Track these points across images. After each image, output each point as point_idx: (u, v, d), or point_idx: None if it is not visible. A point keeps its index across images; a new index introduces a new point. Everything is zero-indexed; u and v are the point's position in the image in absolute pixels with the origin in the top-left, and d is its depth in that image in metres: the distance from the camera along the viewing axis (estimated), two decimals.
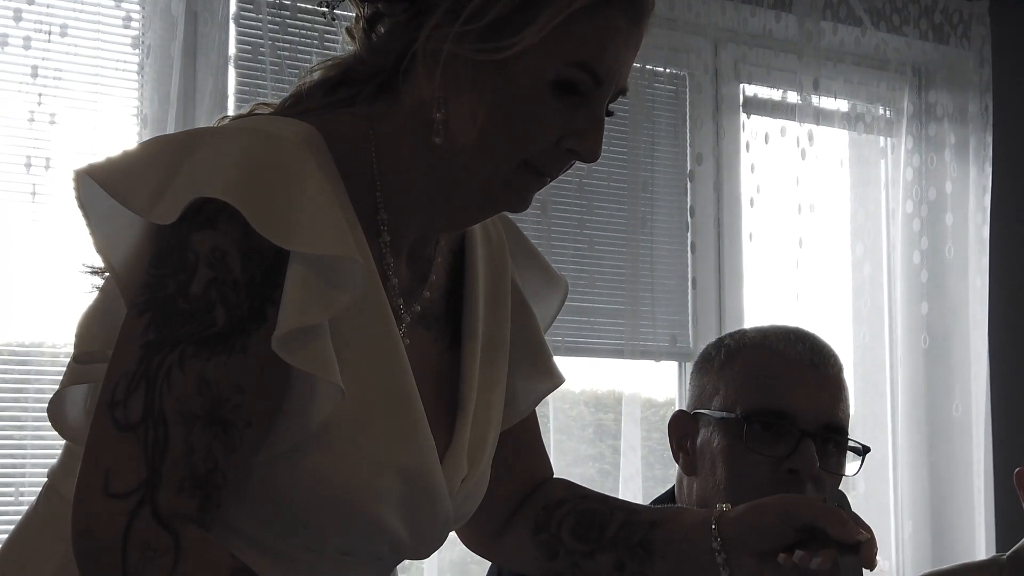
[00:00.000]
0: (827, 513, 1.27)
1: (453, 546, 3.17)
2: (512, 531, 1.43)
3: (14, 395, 2.70)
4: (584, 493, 1.44)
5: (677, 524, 1.35)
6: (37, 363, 2.69)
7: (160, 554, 1.06)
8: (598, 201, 3.28)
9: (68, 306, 1.23)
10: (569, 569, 1.41)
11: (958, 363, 3.65)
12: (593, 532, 1.38)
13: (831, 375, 1.69)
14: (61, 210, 2.59)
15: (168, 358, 1.08)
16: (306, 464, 1.15)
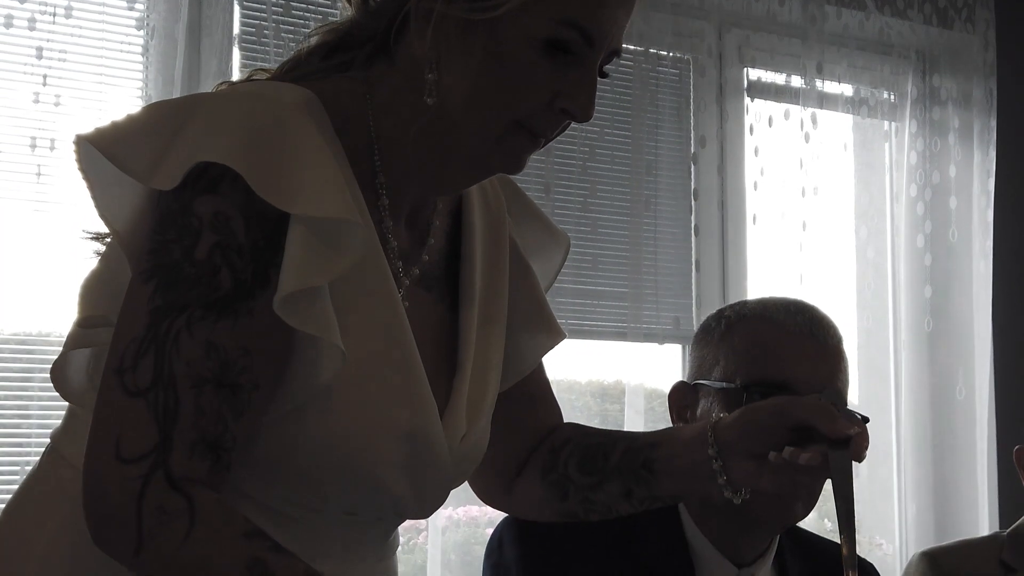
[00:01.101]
0: (819, 410, 1.28)
1: (457, 527, 3.20)
2: (523, 479, 1.44)
3: (20, 383, 2.71)
4: (589, 431, 1.45)
5: (677, 440, 1.35)
6: (42, 352, 2.70)
7: (175, 517, 1.07)
8: (601, 184, 3.29)
9: (74, 294, 1.24)
10: (581, 506, 1.41)
11: (962, 346, 3.65)
12: (598, 463, 1.39)
13: (830, 346, 1.69)
14: (66, 191, 2.60)
15: (176, 323, 1.09)
16: (308, 425, 1.16)
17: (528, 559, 1.60)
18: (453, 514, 3.19)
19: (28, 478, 1.27)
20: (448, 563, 3.12)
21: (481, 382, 1.32)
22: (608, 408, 3.41)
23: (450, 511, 3.17)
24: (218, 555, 1.07)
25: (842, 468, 1.27)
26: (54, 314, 2.62)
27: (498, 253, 1.38)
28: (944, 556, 2.32)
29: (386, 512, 1.26)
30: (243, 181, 1.10)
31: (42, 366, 2.68)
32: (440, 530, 3.11)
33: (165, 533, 1.07)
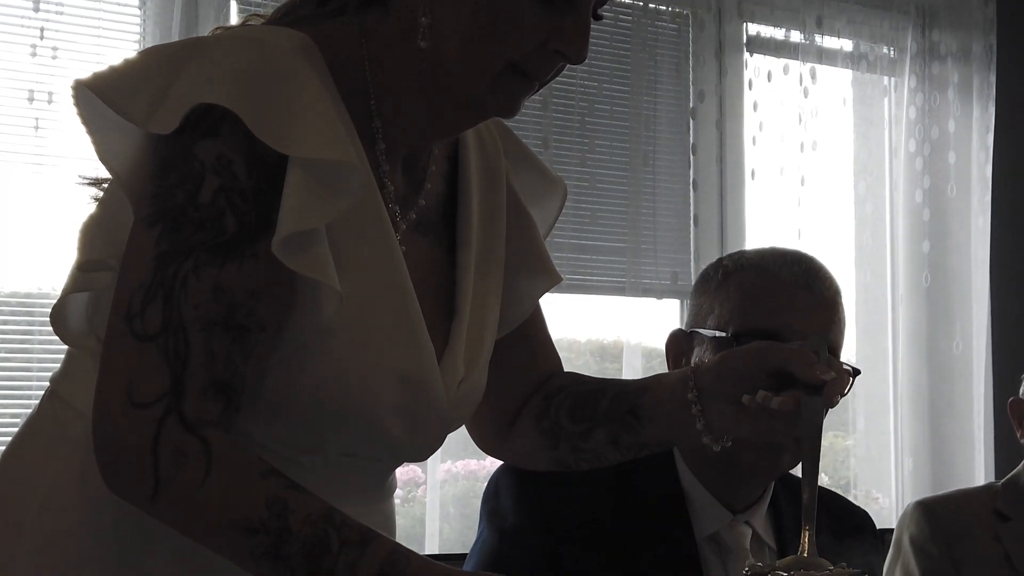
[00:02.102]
0: (795, 355, 1.28)
1: (456, 481, 3.22)
2: (518, 426, 1.45)
3: (20, 344, 2.72)
4: (584, 379, 1.45)
5: (662, 384, 1.36)
6: (42, 310, 2.71)
7: (192, 460, 1.08)
8: (600, 139, 3.29)
9: (74, 248, 1.24)
10: (571, 454, 1.42)
11: (959, 301, 3.66)
12: (588, 410, 1.39)
13: (825, 297, 1.69)
14: (65, 144, 2.60)
15: (183, 267, 1.10)
16: (306, 367, 1.17)
17: (524, 505, 1.61)
18: (452, 467, 3.21)
19: (28, 422, 1.28)
20: (447, 515, 3.15)
21: (479, 327, 1.33)
22: (607, 367, 3.43)
23: (449, 464, 3.19)
24: (237, 495, 1.09)
25: (812, 414, 1.24)
26: (54, 272, 2.63)
27: (495, 198, 1.38)
28: (939, 505, 2.33)
29: (383, 454, 1.27)
30: (243, 125, 1.10)
31: (42, 324, 2.69)
32: (439, 483, 3.13)
33: (183, 476, 1.08)
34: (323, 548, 1.08)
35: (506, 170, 1.40)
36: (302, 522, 1.08)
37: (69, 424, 1.21)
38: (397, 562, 1.09)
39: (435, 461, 3.10)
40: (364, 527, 1.11)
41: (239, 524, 1.08)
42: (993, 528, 2.26)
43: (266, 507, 1.08)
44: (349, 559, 1.08)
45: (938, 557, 2.26)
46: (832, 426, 3.79)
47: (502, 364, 1.37)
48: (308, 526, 1.08)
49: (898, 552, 2.33)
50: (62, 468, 1.21)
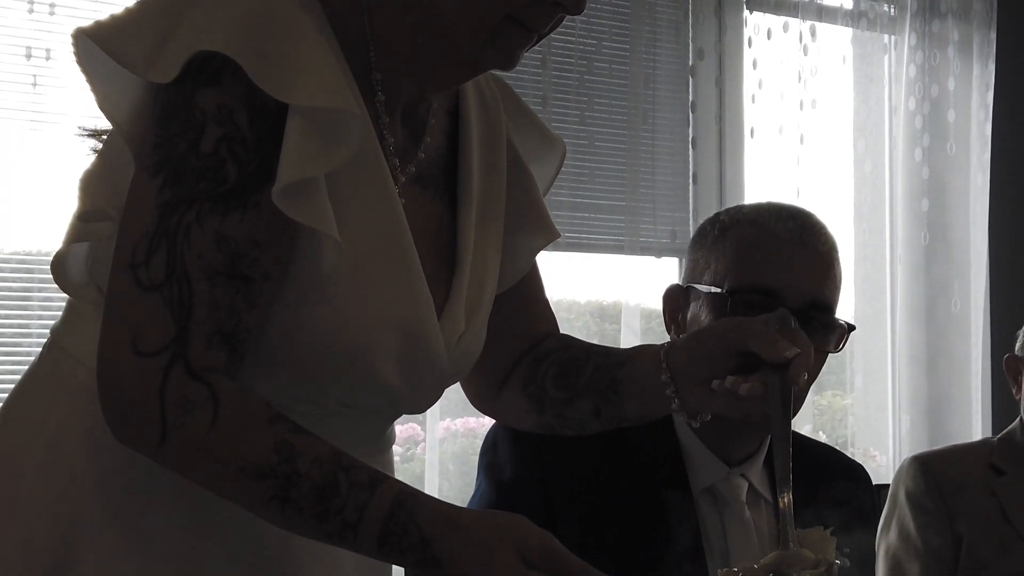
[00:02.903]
0: (759, 334, 1.27)
1: (455, 438, 3.23)
2: (508, 386, 1.46)
3: (19, 303, 2.73)
4: (571, 344, 1.45)
5: (641, 360, 1.36)
6: (41, 271, 2.71)
7: (198, 407, 1.09)
8: (598, 97, 3.28)
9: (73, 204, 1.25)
10: (556, 420, 1.43)
11: (958, 260, 3.67)
12: (571, 379, 1.40)
13: (821, 253, 1.69)
14: (63, 101, 2.60)
15: (186, 216, 1.11)
16: (306, 317, 1.18)
17: (522, 458, 1.62)
18: (451, 425, 3.22)
19: (28, 373, 1.29)
20: (446, 473, 3.16)
21: (479, 282, 1.34)
22: (607, 328, 3.44)
23: (448, 422, 3.20)
24: (245, 441, 1.10)
25: (779, 392, 1.24)
26: (53, 231, 2.63)
27: (495, 154, 1.38)
28: (935, 460, 2.35)
29: (382, 405, 1.28)
30: (244, 74, 1.10)
31: (41, 284, 2.70)
32: (438, 441, 3.14)
33: (190, 423, 1.09)
34: (332, 490, 1.09)
35: (506, 127, 1.41)
36: (311, 465, 1.09)
37: (71, 374, 1.22)
38: (406, 502, 1.10)
39: (434, 419, 3.11)
40: (373, 469, 1.12)
41: (248, 469, 1.09)
42: (988, 482, 2.28)
43: (274, 451, 1.09)
44: (358, 501, 1.09)
45: (934, 511, 2.28)
46: (830, 385, 3.80)
47: (496, 322, 1.38)
48: (317, 469, 1.09)
49: (894, 506, 2.34)
50: (64, 417, 1.22)
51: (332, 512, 1.09)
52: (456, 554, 1.08)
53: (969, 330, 3.64)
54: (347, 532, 1.10)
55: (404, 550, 1.10)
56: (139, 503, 1.19)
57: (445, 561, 1.09)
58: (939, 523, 2.27)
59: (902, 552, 2.29)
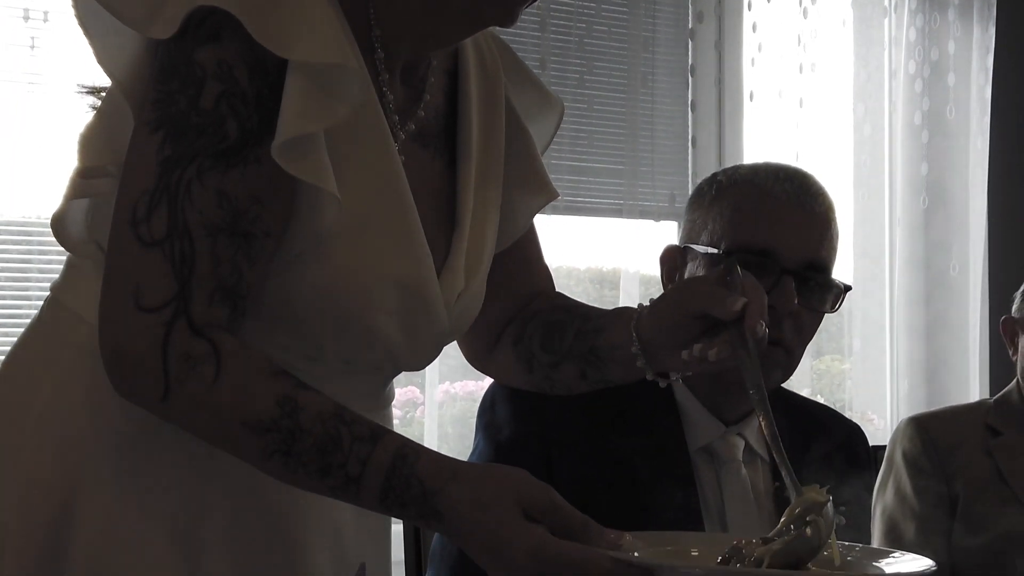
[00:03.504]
0: (705, 295, 1.27)
1: (454, 402, 3.24)
2: (500, 345, 1.47)
3: (19, 272, 2.73)
4: (558, 303, 1.46)
5: (616, 329, 1.35)
6: (40, 239, 2.71)
7: (201, 362, 1.10)
8: (598, 60, 3.27)
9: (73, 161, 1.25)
10: (545, 381, 1.44)
11: (956, 223, 3.67)
12: (555, 342, 1.41)
13: (818, 214, 1.69)
14: (61, 63, 2.59)
15: (186, 173, 1.11)
16: (306, 273, 1.19)
17: (520, 417, 1.63)
18: (450, 388, 3.23)
19: (28, 329, 1.30)
20: (445, 436, 3.18)
21: (479, 240, 1.34)
22: (606, 294, 3.44)
23: (447, 386, 3.21)
24: (247, 395, 1.11)
25: (744, 346, 1.23)
26: (51, 197, 2.62)
27: (494, 113, 1.39)
28: (931, 421, 2.36)
29: (382, 362, 1.29)
30: (243, 30, 1.11)
31: (40, 251, 2.70)
32: (437, 404, 3.15)
33: (193, 378, 1.10)
34: (334, 444, 1.10)
35: (504, 87, 1.41)
36: (313, 420, 1.10)
37: (71, 330, 1.23)
38: (407, 456, 1.11)
39: (434, 382, 3.12)
40: (374, 423, 1.13)
41: (250, 424, 1.10)
42: (984, 443, 2.29)
43: (277, 406, 1.10)
44: (360, 455, 1.10)
45: (930, 471, 2.29)
46: (829, 350, 3.81)
47: (492, 281, 1.39)
48: (319, 423, 1.10)
49: (890, 467, 2.35)
50: (65, 373, 1.22)
51: (334, 466, 1.11)
52: (457, 507, 1.09)
53: (967, 294, 3.65)
54: (349, 486, 1.11)
55: (406, 503, 1.11)
56: (140, 456, 1.20)
57: (446, 514, 1.10)
58: (935, 483, 2.28)
59: (898, 512, 2.31)
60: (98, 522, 1.19)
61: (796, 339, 1.68)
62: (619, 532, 1.12)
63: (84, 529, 1.19)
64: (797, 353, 1.69)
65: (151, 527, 1.20)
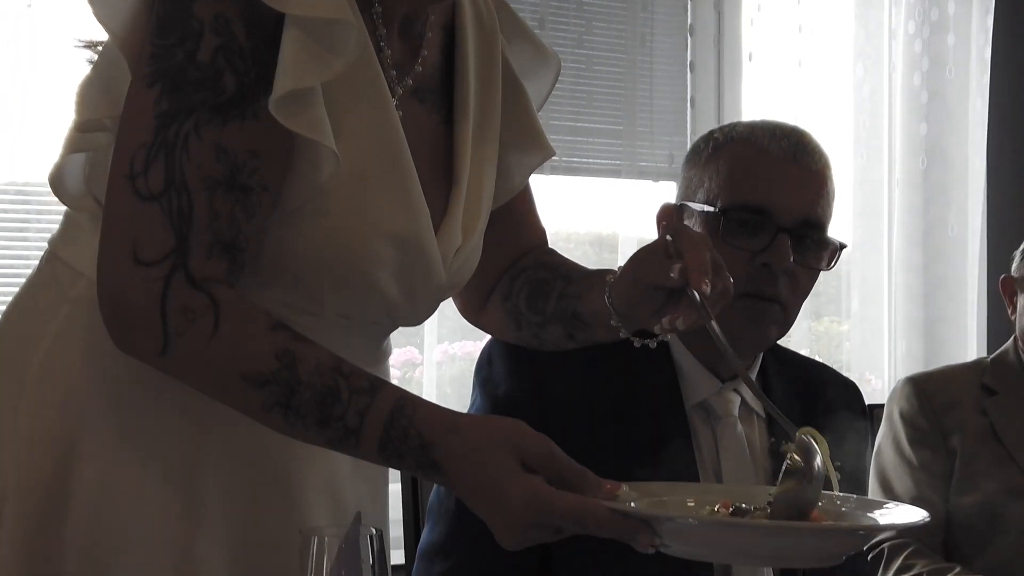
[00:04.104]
0: (649, 266, 1.26)
1: (453, 362, 3.25)
2: (491, 301, 1.48)
3: (18, 234, 2.73)
4: (543, 261, 1.46)
5: (593, 297, 1.35)
6: (39, 202, 2.71)
7: (200, 316, 1.11)
8: (597, 19, 3.26)
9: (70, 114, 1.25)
10: (534, 339, 1.46)
11: (955, 184, 3.66)
12: (540, 303, 1.42)
13: (814, 171, 1.69)
14: (60, 24, 2.58)
15: (184, 126, 1.12)
16: (304, 228, 1.19)
17: (516, 373, 1.64)
18: (449, 349, 3.24)
19: (27, 284, 1.30)
20: (444, 396, 3.19)
21: (476, 196, 1.35)
22: (605, 257, 3.45)
23: (446, 346, 3.22)
24: (246, 348, 1.12)
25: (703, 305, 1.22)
26: (50, 160, 2.62)
27: (491, 70, 1.39)
28: (928, 381, 2.37)
29: (379, 316, 1.30)
30: None
31: (39, 213, 2.70)
32: (436, 364, 3.17)
33: (192, 332, 1.11)
34: (333, 397, 1.11)
35: (502, 43, 1.41)
36: (312, 372, 1.11)
37: (70, 284, 1.24)
38: (406, 408, 1.12)
39: (432, 343, 3.14)
40: (373, 376, 1.14)
41: (250, 376, 1.11)
42: (980, 402, 2.30)
43: (275, 359, 1.11)
44: (359, 407, 1.11)
45: (927, 429, 2.30)
46: (828, 311, 3.82)
47: (485, 237, 1.39)
48: (318, 376, 1.11)
49: (888, 427, 2.37)
50: (63, 326, 1.23)
51: (333, 418, 1.11)
52: (455, 458, 1.10)
53: (965, 254, 3.65)
54: (348, 437, 1.12)
55: (404, 455, 1.12)
56: (140, 408, 1.21)
57: (444, 465, 1.11)
58: (933, 440, 2.30)
59: (897, 470, 2.32)
60: (98, 474, 1.20)
61: (792, 296, 1.68)
62: (616, 483, 1.13)
63: (84, 481, 1.20)
64: (793, 310, 1.70)
65: (151, 479, 1.21)
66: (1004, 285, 2.43)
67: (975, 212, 3.65)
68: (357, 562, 0.97)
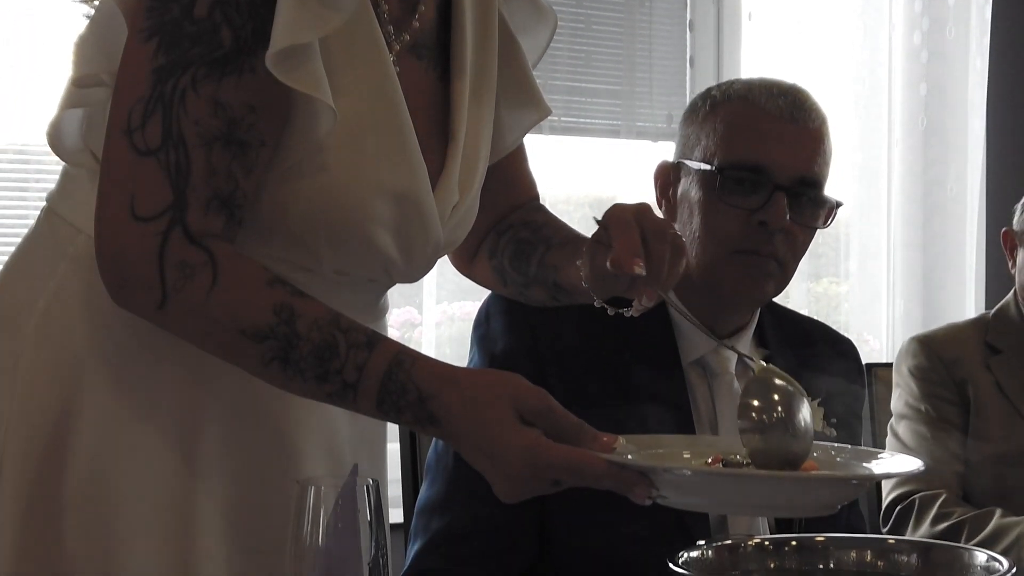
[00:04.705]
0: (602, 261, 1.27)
1: (451, 322, 3.26)
2: (479, 255, 1.49)
3: (18, 195, 2.73)
4: (528, 220, 1.47)
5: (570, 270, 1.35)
6: (38, 163, 2.71)
7: (198, 271, 1.11)
8: None
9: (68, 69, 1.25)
10: (519, 296, 1.48)
11: (954, 144, 3.66)
12: (523, 266, 1.43)
13: (811, 129, 1.69)
14: None
15: (181, 81, 1.12)
16: (301, 184, 1.19)
17: (514, 330, 1.64)
18: (448, 309, 3.25)
19: (25, 240, 1.31)
20: (443, 357, 3.18)
21: (473, 153, 1.35)
22: None
23: (445, 306, 3.23)
24: (244, 303, 1.12)
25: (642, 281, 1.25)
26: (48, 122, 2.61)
27: (488, 26, 1.38)
28: (934, 340, 2.37)
29: (377, 272, 1.30)
30: None
31: (38, 175, 2.69)
32: (435, 324, 3.17)
33: (190, 287, 1.11)
34: (331, 351, 1.12)
35: (498, 0, 1.40)
36: (309, 326, 1.12)
37: (68, 241, 1.24)
38: (404, 361, 1.13)
39: (431, 303, 3.14)
40: (370, 330, 1.15)
41: (248, 331, 1.12)
42: (985, 359, 2.30)
43: (273, 313, 1.11)
44: (357, 361, 1.12)
45: (940, 381, 2.30)
46: (827, 272, 3.82)
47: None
48: (316, 330, 1.12)
49: (900, 387, 2.35)
50: (62, 282, 1.23)
51: (331, 372, 1.12)
52: (452, 411, 1.11)
53: (964, 214, 3.65)
54: (347, 392, 1.13)
55: (402, 408, 1.12)
56: (137, 363, 1.22)
57: (442, 418, 1.11)
58: (948, 392, 2.30)
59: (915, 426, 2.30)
60: (97, 429, 1.21)
61: (789, 254, 1.69)
62: (612, 435, 1.14)
63: (83, 437, 1.21)
64: (790, 267, 1.70)
65: (150, 433, 1.21)
66: (1005, 239, 2.43)
67: (974, 173, 3.65)
68: (354, 512, 0.98)
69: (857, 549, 1.25)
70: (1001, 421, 2.26)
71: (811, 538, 1.28)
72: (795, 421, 1.15)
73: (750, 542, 1.26)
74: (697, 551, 1.22)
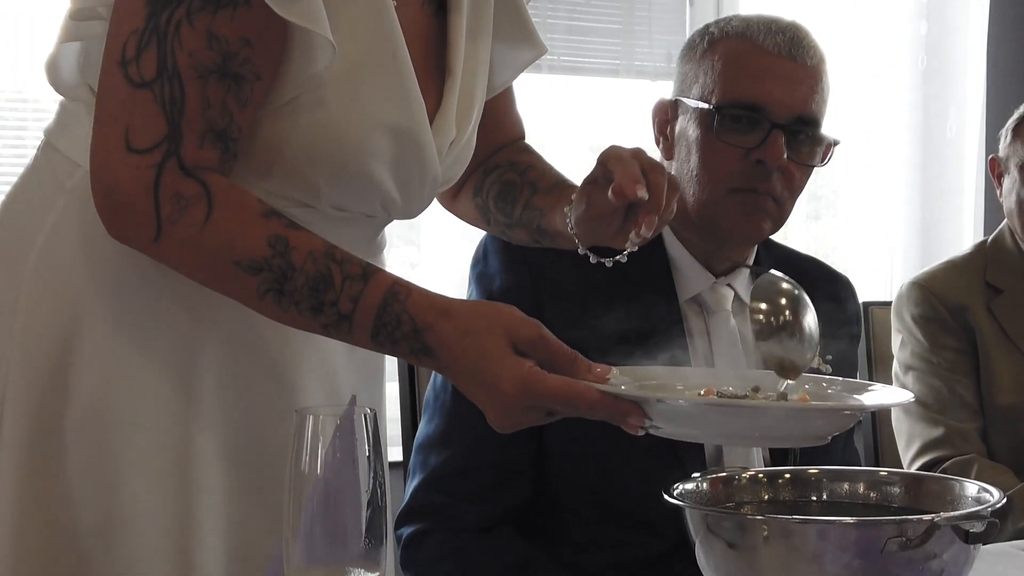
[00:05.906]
0: (599, 199, 1.27)
1: (450, 262, 3.26)
2: (463, 192, 1.50)
3: (14, 143, 2.73)
4: (515, 160, 1.47)
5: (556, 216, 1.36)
6: (35, 110, 2.70)
7: (193, 203, 1.11)
8: None
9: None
10: (502, 235, 1.50)
11: (954, 85, 3.64)
12: (507, 207, 1.44)
13: (808, 67, 1.69)
14: None
15: (176, 13, 1.11)
16: (300, 119, 1.19)
17: (511, 268, 1.65)
18: (447, 250, 3.25)
19: (24, 175, 1.31)
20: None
21: (470, 90, 1.35)
22: None
23: (444, 246, 3.23)
24: (239, 235, 1.12)
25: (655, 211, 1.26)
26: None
27: None
28: (932, 282, 2.31)
29: (374, 208, 1.31)
30: None
31: (36, 121, 2.69)
32: (434, 265, 3.18)
33: (184, 219, 1.12)
34: (326, 282, 1.12)
35: None
36: (305, 258, 1.12)
37: (66, 175, 1.24)
38: (399, 293, 1.13)
39: (430, 244, 3.15)
40: (366, 262, 1.15)
41: (243, 263, 1.12)
42: (986, 300, 2.28)
43: (268, 245, 1.12)
44: (352, 292, 1.13)
45: (942, 323, 2.26)
46: (826, 213, 3.82)
47: None
48: (311, 262, 1.12)
49: (903, 336, 2.31)
50: (60, 219, 1.24)
51: (327, 304, 1.13)
52: (448, 342, 1.12)
53: (963, 154, 3.64)
54: (342, 323, 1.14)
55: (397, 340, 1.13)
56: (136, 299, 1.22)
57: (437, 349, 1.12)
58: (955, 337, 2.26)
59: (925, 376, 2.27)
60: (97, 365, 1.22)
61: (786, 192, 1.69)
62: (606, 366, 1.14)
63: (83, 371, 1.22)
64: (787, 205, 1.71)
65: (148, 368, 1.22)
66: (992, 165, 2.41)
67: (974, 113, 3.64)
68: (352, 442, 0.99)
69: (850, 481, 1.27)
70: (1010, 370, 2.23)
71: (805, 470, 1.29)
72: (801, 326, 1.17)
73: (744, 474, 1.28)
74: (692, 483, 1.24)
